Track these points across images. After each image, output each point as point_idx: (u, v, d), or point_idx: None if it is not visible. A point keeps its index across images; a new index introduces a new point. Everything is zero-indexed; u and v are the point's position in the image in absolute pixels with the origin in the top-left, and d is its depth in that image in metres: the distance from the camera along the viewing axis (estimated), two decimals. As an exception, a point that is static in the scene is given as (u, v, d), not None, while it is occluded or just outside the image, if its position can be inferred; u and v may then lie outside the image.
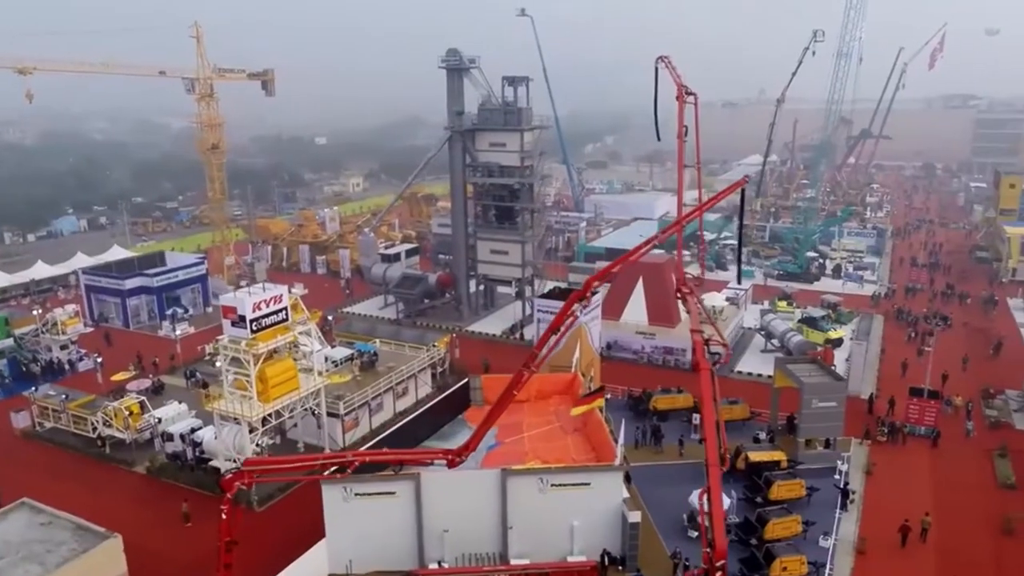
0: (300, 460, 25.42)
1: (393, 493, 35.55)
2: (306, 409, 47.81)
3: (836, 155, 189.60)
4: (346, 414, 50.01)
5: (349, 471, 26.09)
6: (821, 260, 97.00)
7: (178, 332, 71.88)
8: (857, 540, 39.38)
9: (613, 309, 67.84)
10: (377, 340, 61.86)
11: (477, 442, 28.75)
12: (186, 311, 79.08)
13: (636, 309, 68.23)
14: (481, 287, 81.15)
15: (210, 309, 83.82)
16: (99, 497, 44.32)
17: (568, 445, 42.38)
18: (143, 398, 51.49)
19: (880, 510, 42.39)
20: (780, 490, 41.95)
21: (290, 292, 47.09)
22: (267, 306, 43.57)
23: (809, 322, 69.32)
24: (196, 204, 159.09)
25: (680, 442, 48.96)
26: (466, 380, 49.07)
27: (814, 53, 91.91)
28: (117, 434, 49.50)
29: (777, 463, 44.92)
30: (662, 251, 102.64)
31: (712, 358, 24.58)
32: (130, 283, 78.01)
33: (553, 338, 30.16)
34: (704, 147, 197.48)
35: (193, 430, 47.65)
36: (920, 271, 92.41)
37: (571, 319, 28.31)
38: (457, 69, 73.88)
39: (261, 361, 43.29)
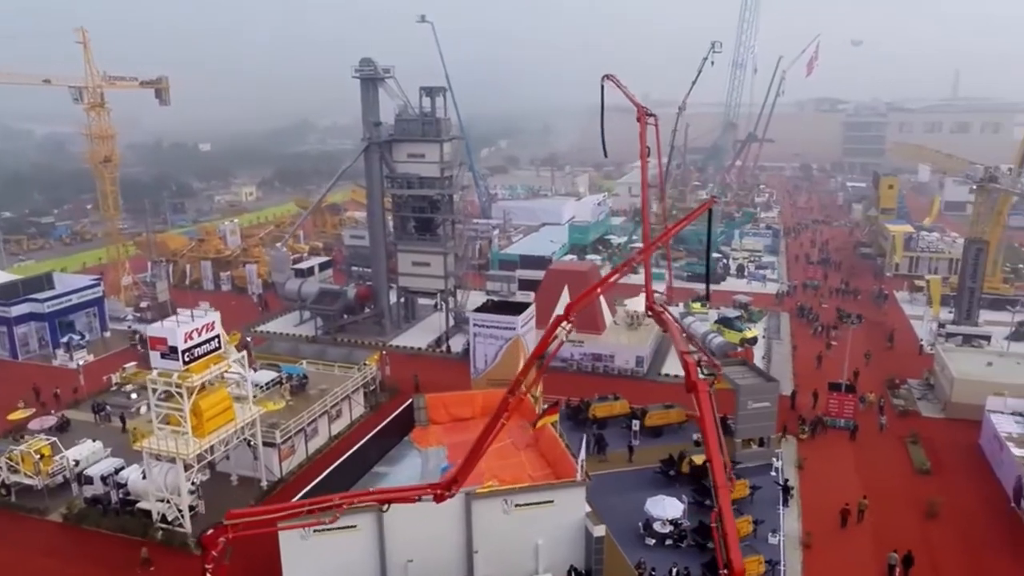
0: (285, 508, 23.90)
1: (354, 527, 34.30)
2: (242, 440, 45.32)
3: (723, 158, 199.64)
4: (283, 442, 47.79)
5: (338, 515, 24.80)
6: (725, 261, 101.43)
7: (79, 361, 66.52)
8: (803, 534, 41.31)
9: (540, 318, 67.82)
10: (303, 361, 59.49)
11: (467, 475, 28.01)
12: (83, 337, 73.27)
13: (563, 317, 68.80)
14: (401, 300, 79.69)
15: (108, 334, 78.28)
16: (13, 551, 40.34)
17: (523, 462, 42.21)
18: (54, 439, 47.25)
19: (817, 502, 44.68)
20: (737, 491, 43.42)
21: (197, 312, 44.12)
22: (199, 335, 40.99)
23: (725, 322, 72.14)
24: (75, 218, 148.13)
25: (630, 448, 49.88)
26: (410, 401, 47.94)
27: (712, 63, 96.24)
28: (25, 480, 45.18)
29: (719, 464, 46.55)
30: (573, 257, 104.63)
31: (707, 378, 24.98)
32: (17, 309, 71.46)
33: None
34: (599, 150, 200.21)
35: (117, 471, 44.16)
36: (816, 268, 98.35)
37: (556, 343, 28.03)
38: (372, 79, 72.24)
39: (195, 394, 40.67)
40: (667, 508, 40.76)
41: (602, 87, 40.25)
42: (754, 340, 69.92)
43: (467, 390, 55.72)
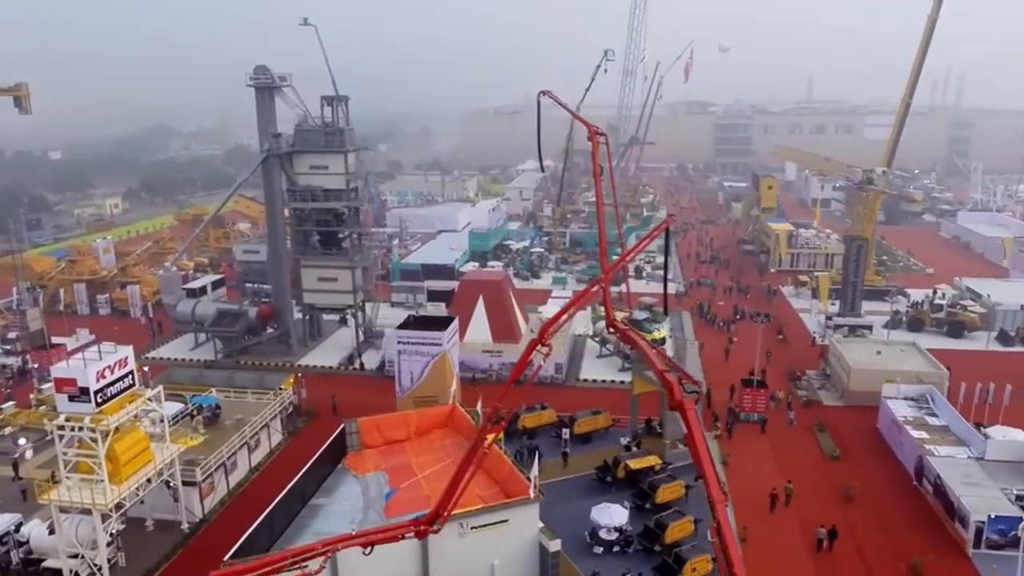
0: (269, 562, 22.21)
1: (304, 566, 32.53)
2: (160, 482, 42.04)
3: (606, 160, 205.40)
4: (204, 480, 44.77)
5: (323, 564, 23.35)
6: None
7: (-54, 404, 59.47)
8: (739, 528, 43.07)
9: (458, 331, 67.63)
10: (213, 390, 56.01)
11: (448, 507, 27.11)
12: (-56, 377, 65.70)
13: (479, 327, 68.55)
14: (307, 317, 76.68)
15: (-27, 370, 70.49)
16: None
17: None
18: (-65, 498, 42.01)
19: (745, 494, 46.83)
20: (665, 493, 44.59)
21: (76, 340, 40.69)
22: (112, 372, 37.63)
23: (634, 324, 74.23)
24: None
25: (564, 456, 50.28)
26: (342, 427, 46.09)
27: (606, 71, 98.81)
28: (-100, 547, 39.87)
29: (653, 467, 47.83)
30: (475, 264, 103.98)
31: (691, 396, 25.42)
32: None
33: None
34: (483, 154, 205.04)
35: (16, 527, 39.81)
36: (708, 267, 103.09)
37: (536, 367, 27.75)
38: (268, 88, 69.07)
39: (110, 437, 37.30)
40: (613, 516, 41.27)
41: (538, 103, 40.44)
42: (663, 341, 72.34)
43: (391, 409, 54.46)
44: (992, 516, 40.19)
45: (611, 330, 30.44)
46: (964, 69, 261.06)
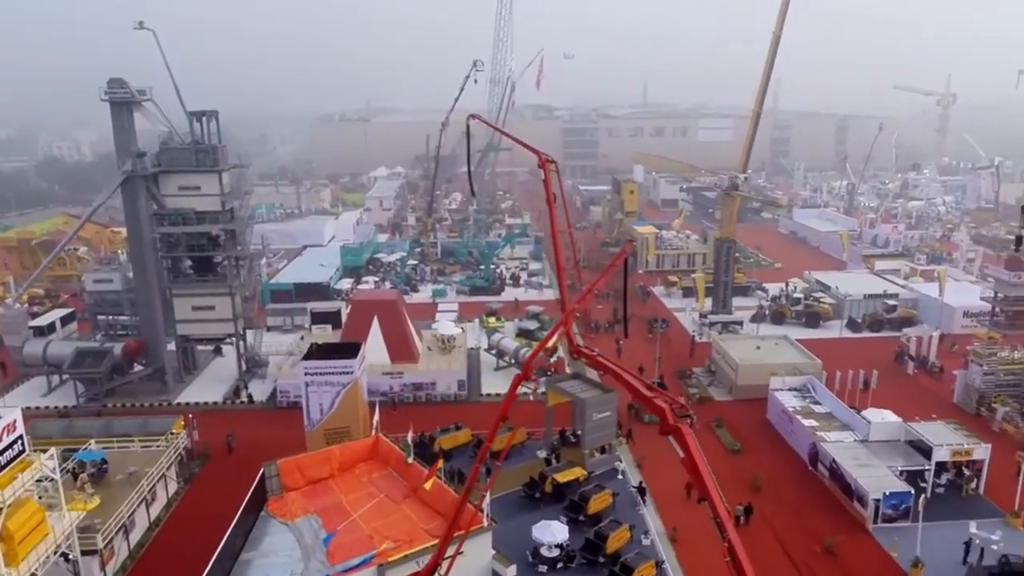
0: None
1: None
2: (59, 556, 37.33)
3: (459, 165, 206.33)
4: (105, 546, 40.30)
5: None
6: (500, 271, 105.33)
7: None
8: (669, 530, 44.97)
9: (353, 353, 65.31)
10: (92, 442, 50.42)
11: (439, 557, 26.09)
12: None
13: (376, 349, 66.36)
14: (181, 350, 70.92)
15: None
16: None
17: (408, 515, 40.28)
18: None
19: (662, 490, 49.11)
20: (596, 503, 45.64)
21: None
22: None
23: (525, 334, 75.36)
24: None
25: (488, 471, 49.91)
26: (261, 472, 43.08)
27: (476, 81, 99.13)
28: None
29: (579, 479, 48.77)
30: (350, 280, 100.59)
31: (685, 418, 26.11)
32: None
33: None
34: (334, 160, 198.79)
35: None
36: (581, 271, 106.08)
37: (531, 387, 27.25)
38: (125, 103, 63.25)
39: (2, 515, 32.64)
40: (554, 532, 41.65)
41: (467, 127, 39.81)
42: (555, 350, 73.81)
43: (295, 444, 51.81)
44: (887, 493, 44.62)
45: (576, 356, 30.63)
46: (780, 74, 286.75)
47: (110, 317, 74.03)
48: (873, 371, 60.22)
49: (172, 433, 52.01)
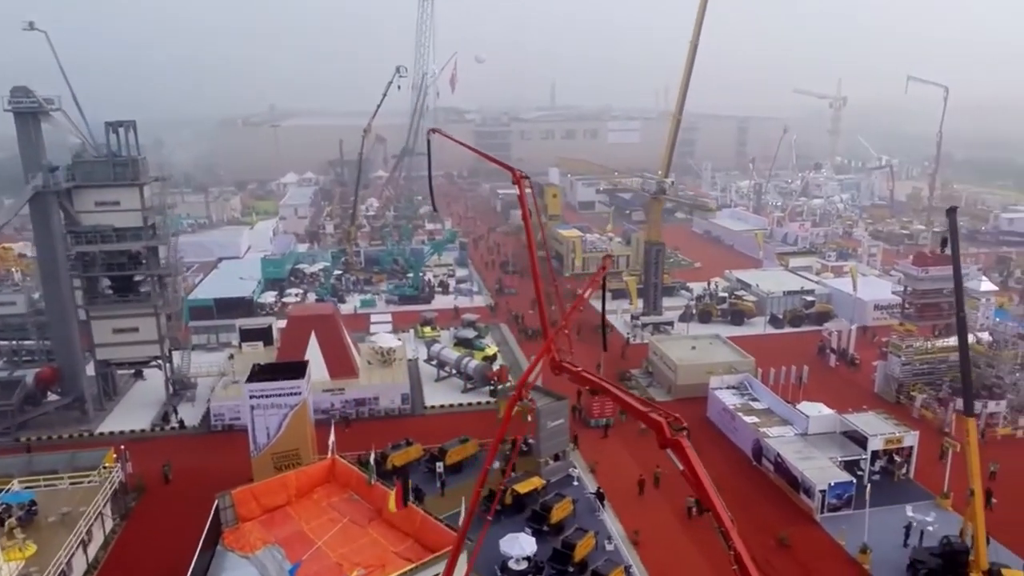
0: None
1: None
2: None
3: (371, 170, 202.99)
4: (46, 597, 37.42)
5: None
6: (427, 279, 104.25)
7: None
8: (630, 533, 45.78)
9: (292, 371, 63.17)
10: (15, 482, 46.78)
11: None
12: None
13: (315, 366, 64.28)
14: (100, 375, 66.62)
15: None
16: None
17: (377, 539, 39.43)
18: None
19: (616, 489, 50.08)
20: (558, 512, 45.99)
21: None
22: (-68, 492, 30.05)
23: (464, 343, 74.89)
24: None
25: (442, 484, 49.86)
26: (216, 502, 41.08)
27: (399, 87, 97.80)
28: None
29: (537, 489, 48.98)
30: (274, 293, 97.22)
31: (682, 431, 26.50)
32: None
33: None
34: (240, 167, 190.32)
35: None
36: (511, 276, 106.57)
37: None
38: (31, 112, 58.95)
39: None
40: (523, 545, 41.66)
41: (428, 141, 39.20)
42: (494, 356, 73.88)
43: (238, 470, 50.11)
44: (832, 484, 46.98)
45: (558, 372, 30.71)
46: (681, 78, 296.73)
47: (14, 342, 69.05)
48: (804, 366, 63.24)
49: (105, 467, 48.78)
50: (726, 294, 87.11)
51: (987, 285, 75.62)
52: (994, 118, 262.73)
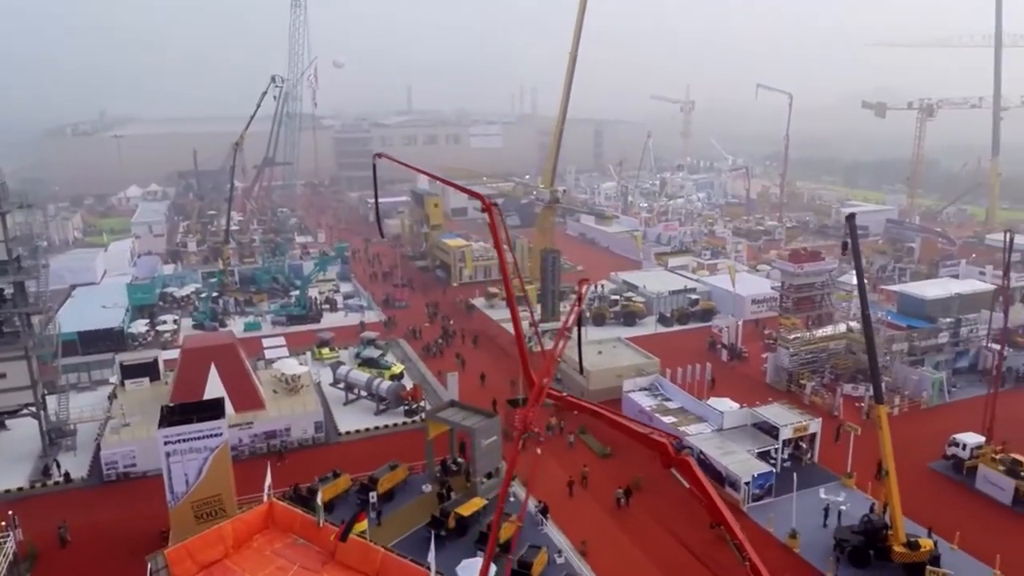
0: None
1: None
2: None
3: (227, 181, 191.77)
4: None
5: None
6: (312, 296, 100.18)
7: None
8: (578, 544, 46.48)
9: (191, 407, 58.65)
10: None
11: None
12: None
13: (217, 400, 60.46)
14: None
15: None
16: None
17: (335, 584, 37.49)
18: None
19: (547, 494, 50.65)
20: (506, 531, 45.74)
21: None
22: None
23: (370, 363, 72.80)
24: None
25: (378, 514, 48.46)
26: (148, 566, 37.35)
27: (275, 97, 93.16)
28: None
29: (479, 510, 48.59)
30: (145, 320, 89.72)
31: (687, 451, 27.07)
32: None
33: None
34: (72, 180, 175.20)
35: None
36: (402, 290, 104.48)
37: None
38: None
39: None
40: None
41: (374, 165, 37.72)
42: (401, 375, 72.34)
43: (149, 524, 46.54)
44: (755, 475, 50.08)
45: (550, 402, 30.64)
46: (537, 83, 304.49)
47: None
48: (707, 364, 66.88)
49: (-7, 537, 43.17)
50: (617, 296, 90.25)
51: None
52: (815, 118, 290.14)
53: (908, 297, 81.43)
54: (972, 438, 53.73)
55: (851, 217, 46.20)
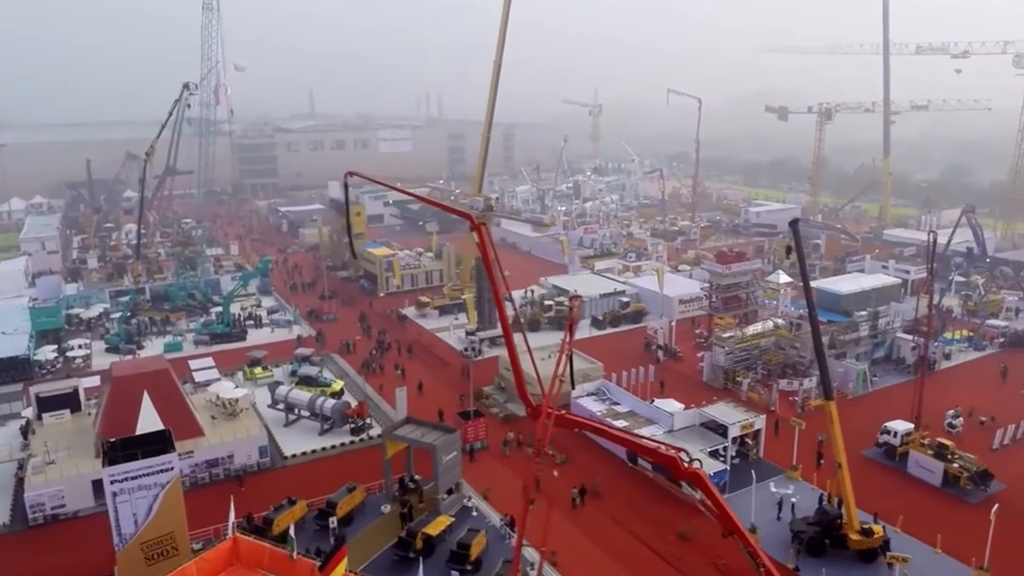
0: None
1: None
2: None
3: (121, 191, 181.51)
4: None
5: None
6: (234, 312, 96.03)
7: None
8: (548, 554, 46.54)
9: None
10: None
11: None
12: None
13: (152, 430, 56.92)
14: None
15: None
16: None
17: (317, 621, 35.98)
18: None
19: (505, 504, 50.91)
20: (476, 548, 45.53)
21: None
22: None
23: (308, 381, 70.54)
24: None
25: (340, 540, 46.65)
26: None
27: (189, 106, 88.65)
28: None
29: (446, 529, 48.01)
30: (53, 346, 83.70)
31: (693, 463, 27.44)
32: None
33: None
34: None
35: None
36: (328, 302, 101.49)
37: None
38: None
39: None
40: (460, 591, 40.75)
41: (345, 184, 36.51)
42: (342, 392, 70.58)
43: (94, 566, 43.59)
44: (710, 474, 51.51)
45: (535, 419, 30.56)
46: (445, 85, 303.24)
47: None
48: (650, 366, 68.52)
49: (-83, 600, 39.11)
50: (551, 301, 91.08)
51: (784, 277, 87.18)
52: (709, 119, 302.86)
53: (824, 293, 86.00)
54: (902, 425, 57.46)
55: (795, 223, 48.32)
